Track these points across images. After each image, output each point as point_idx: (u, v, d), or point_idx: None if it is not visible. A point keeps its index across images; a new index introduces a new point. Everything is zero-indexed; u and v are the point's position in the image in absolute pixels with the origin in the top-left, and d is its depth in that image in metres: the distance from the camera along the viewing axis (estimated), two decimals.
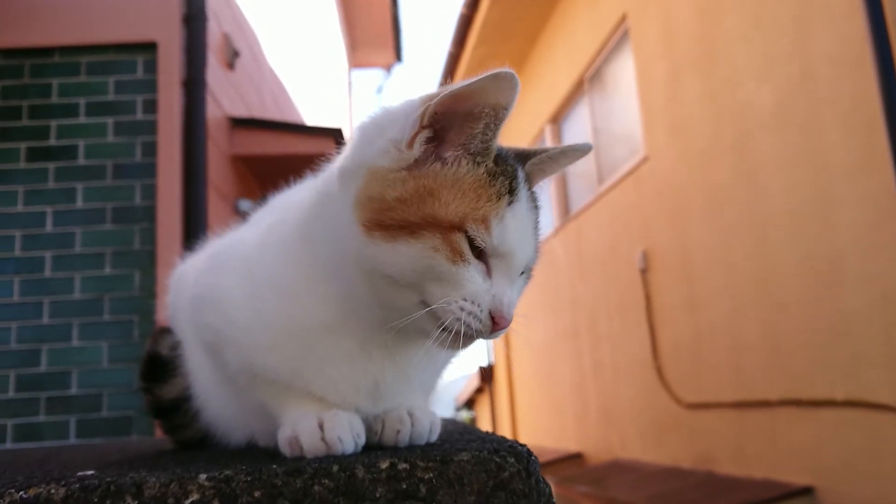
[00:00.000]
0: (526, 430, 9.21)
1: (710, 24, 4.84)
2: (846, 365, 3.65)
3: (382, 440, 0.94)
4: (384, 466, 0.76)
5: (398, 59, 10.98)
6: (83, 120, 3.82)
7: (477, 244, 0.85)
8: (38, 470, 0.96)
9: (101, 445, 1.88)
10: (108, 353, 3.59)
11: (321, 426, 0.87)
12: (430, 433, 0.95)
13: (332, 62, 9.48)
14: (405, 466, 0.76)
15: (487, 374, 10.71)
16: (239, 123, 4.77)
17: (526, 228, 0.91)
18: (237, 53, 4.85)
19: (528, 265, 0.93)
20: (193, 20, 4.01)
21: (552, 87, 7.80)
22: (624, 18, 6.04)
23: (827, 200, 3.76)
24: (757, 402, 4.32)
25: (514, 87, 0.85)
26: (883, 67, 3.25)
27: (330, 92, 9.41)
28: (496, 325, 0.86)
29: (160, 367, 1.26)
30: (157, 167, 3.79)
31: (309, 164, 1.05)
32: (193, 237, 3.76)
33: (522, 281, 0.94)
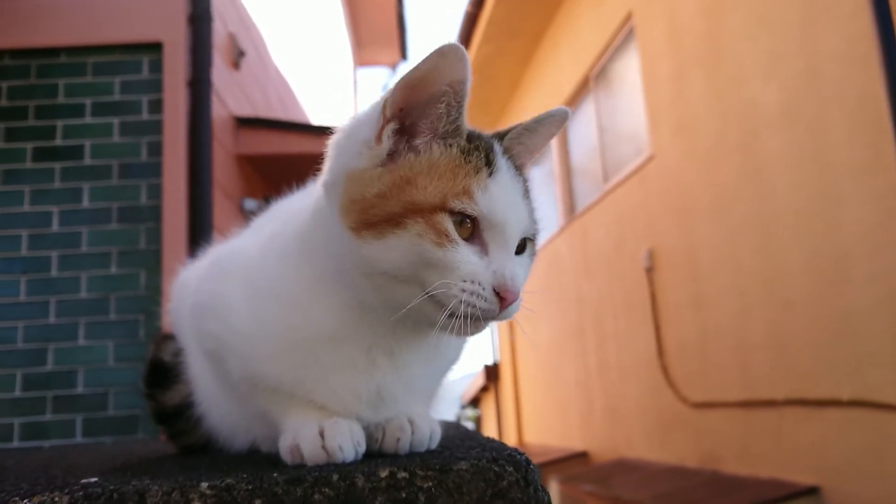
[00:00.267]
0: (531, 428, 9.21)
1: (715, 22, 4.82)
2: (852, 364, 3.64)
3: (383, 448, 0.94)
4: (384, 475, 0.77)
5: (404, 57, 10.97)
6: (89, 120, 3.84)
7: (468, 213, 0.85)
8: (42, 476, 0.97)
9: (105, 448, 1.90)
10: (114, 352, 3.60)
11: (322, 434, 0.88)
12: (430, 440, 0.95)
13: (337, 61, 9.49)
14: (405, 475, 0.77)
15: (493, 372, 10.71)
16: (244, 123, 4.78)
17: (513, 196, 0.90)
18: (242, 53, 4.86)
19: (525, 233, 0.92)
20: (199, 20, 4.01)
21: (557, 85, 7.79)
22: (629, 17, 6.03)
23: (833, 199, 3.75)
24: (763, 401, 4.31)
25: (462, 58, 0.86)
26: (889, 66, 3.23)
27: (335, 91, 9.42)
28: (503, 300, 0.85)
29: (163, 373, 1.27)
30: (162, 167, 3.80)
31: (314, 163, 1.05)
32: (199, 237, 3.78)
33: (527, 260, 0.94)
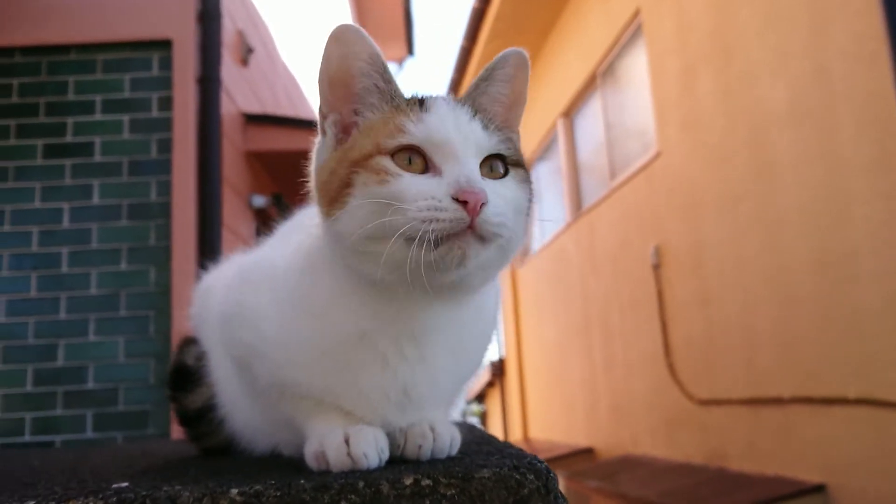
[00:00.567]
0: (536, 424, 9.23)
1: (724, 19, 4.81)
2: (859, 362, 3.64)
3: (405, 454, 0.96)
4: (408, 483, 0.78)
5: (410, 53, 10.96)
6: (99, 117, 3.86)
7: (405, 144, 0.88)
8: (72, 478, 0.99)
9: (124, 447, 1.91)
10: (124, 348, 3.63)
11: (347, 441, 0.89)
12: (450, 447, 0.97)
13: None
14: (428, 483, 0.79)
15: (498, 368, 10.74)
16: (253, 120, 4.80)
17: (456, 118, 0.90)
18: (251, 50, 4.88)
19: (488, 149, 0.91)
20: (208, 18, 4.03)
21: (565, 81, 7.79)
22: (637, 13, 6.02)
23: (841, 197, 3.75)
24: (769, 398, 4.32)
25: (355, 35, 0.92)
26: None
27: None
28: (466, 204, 0.82)
29: (186, 376, 1.29)
30: (172, 164, 3.82)
31: None
32: (208, 233, 3.81)
33: (511, 183, 0.93)
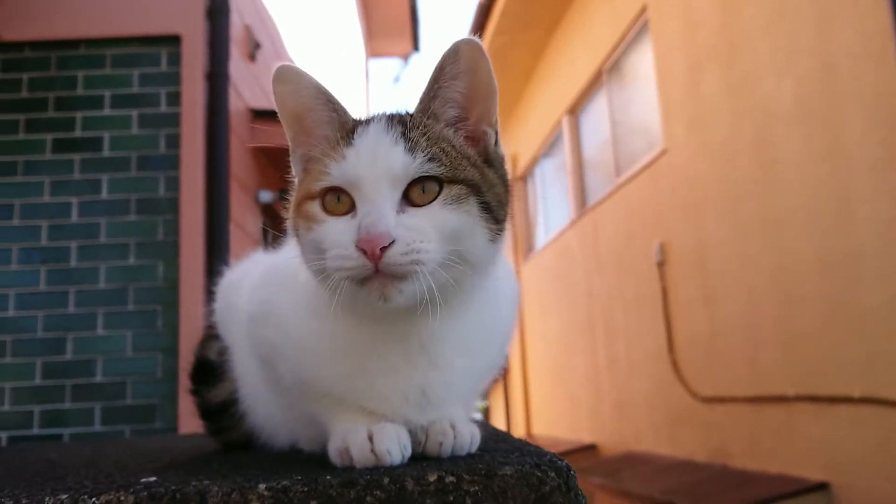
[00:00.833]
0: (540, 420, 9.26)
1: (730, 16, 4.81)
2: (863, 361, 3.65)
3: (426, 451, 0.97)
4: (432, 479, 0.80)
5: (416, 48, 10.94)
6: (108, 112, 3.87)
7: (328, 186, 0.90)
8: (98, 473, 1.01)
9: (138, 442, 1.93)
10: (132, 342, 3.65)
11: (371, 438, 0.91)
12: (471, 445, 0.98)
13: (349, 52, 9.49)
14: (452, 479, 0.80)
15: None
16: (260, 115, 4.81)
17: (376, 148, 0.89)
18: (258, 45, 4.89)
19: (398, 178, 0.88)
20: (216, 13, 4.04)
21: (570, 78, 7.78)
22: (644, 10, 6.01)
23: (846, 196, 3.75)
24: (773, 396, 4.34)
25: (294, 71, 0.97)
26: None
27: (348, 82, 9.42)
28: (365, 252, 0.83)
29: (209, 371, 1.31)
30: (180, 159, 3.83)
31: None
32: (216, 228, 3.83)
33: (437, 209, 0.88)
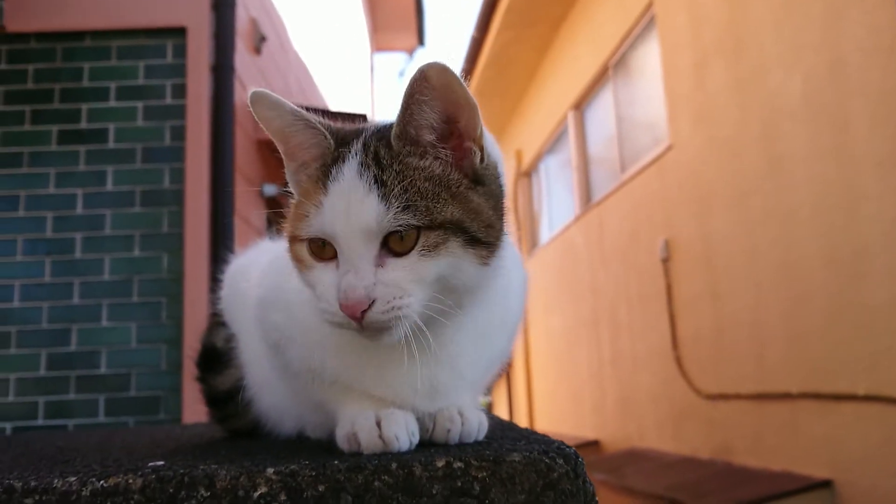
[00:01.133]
0: (542, 415, 9.26)
1: (737, 11, 4.79)
2: (869, 359, 3.64)
3: (433, 437, 0.97)
4: (440, 465, 0.80)
5: (421, 43, 10.93)
6: (113, 104, 3.88)
7: (308, 237, 0.91)
8: (107, 458, 1.01)
9: (144, 431, 1.93)
10: (136, 333, 3.66)
11: (379, 424, 0.91)
12: (478, 432, 0.98)
13: (354, 46, 9.48)
14: (460, 465, 0.80)
15: None
16: None
17: (346, 200, 0.87)
18: (264, 38, 4.88)
19: (372, 233, 0.86)
20: (222, 5, 4.04)
21: (576, 73, 7.76)
22: (650, 5, 5.99)
23: (853, 192, 3.74)
24: (777, 394, 4.33)
25: (266, 95, 0.94)
26: None
27: (353, 76, 9.41)
28: (348, 316, 0.86)
29: (215, 358, 1.31)
30: (185, 151, 3.84)
31: None
32: (220, 221, 3.83)
33: (414, 260, 0.86)
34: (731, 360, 4.85)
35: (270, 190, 4.82)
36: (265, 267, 1.12)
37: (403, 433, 0.91)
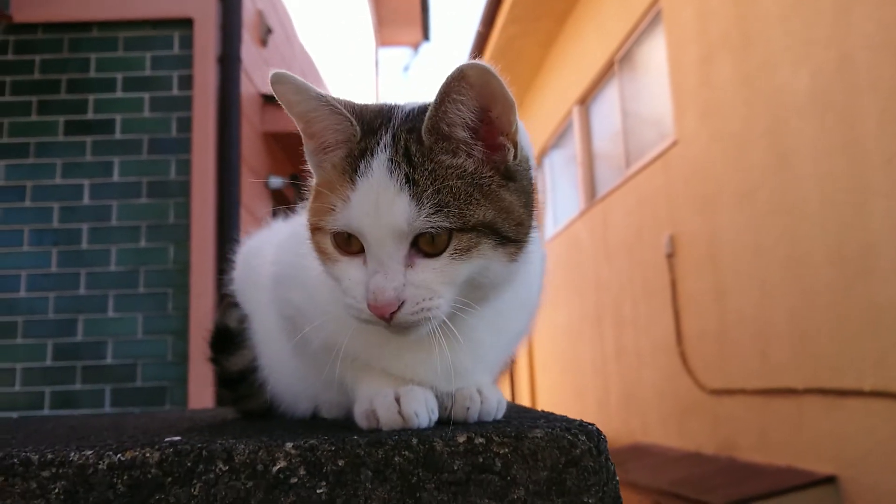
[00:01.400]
0: (546, 410, 9.25)
1: (744, 6, 4.77)
2: (875, 356, 3.63)
3: (453, 416, 0.96)
4: (461, 440, 0.79)
5: (426, 37, 10.91)
6: (120, 95, 3.87)
7: (335, 230, 0.88)
8: (122, 434, 1.00)
9: (156, 414, 1.93)
10: (142, 324, 3.66)
11: (398, 401, 0.90)
12: (497, 411, 0.98)
13: (359, 40, 9.46)
14: (482, 441, 0.79)
15: None
16: (271, 100, 4.79)
17: (376, 197, 0.85)
18: (270, 30, 4.87)
19: (402, 233, 0.84)
20: None
21: (581, 67, 7.74)
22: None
23: (861, 189, 3.72)
24: (782, 389, 4.32)
25: (287, 76, 0.89)
26: None
27: (357, 70, 9.40)
28: (377, 316, 0.85)
29: (228, 339, 1.30)
30: (191, 142, 3.83)
31: None
32: (226, 212, 3.82)
33: (445, 261, 0.86)
34: (735, 355, 4.84)
35: (276, 182, 4.82)
36: (280, 244, 1.11)
37: (423, 410, 0.90)
